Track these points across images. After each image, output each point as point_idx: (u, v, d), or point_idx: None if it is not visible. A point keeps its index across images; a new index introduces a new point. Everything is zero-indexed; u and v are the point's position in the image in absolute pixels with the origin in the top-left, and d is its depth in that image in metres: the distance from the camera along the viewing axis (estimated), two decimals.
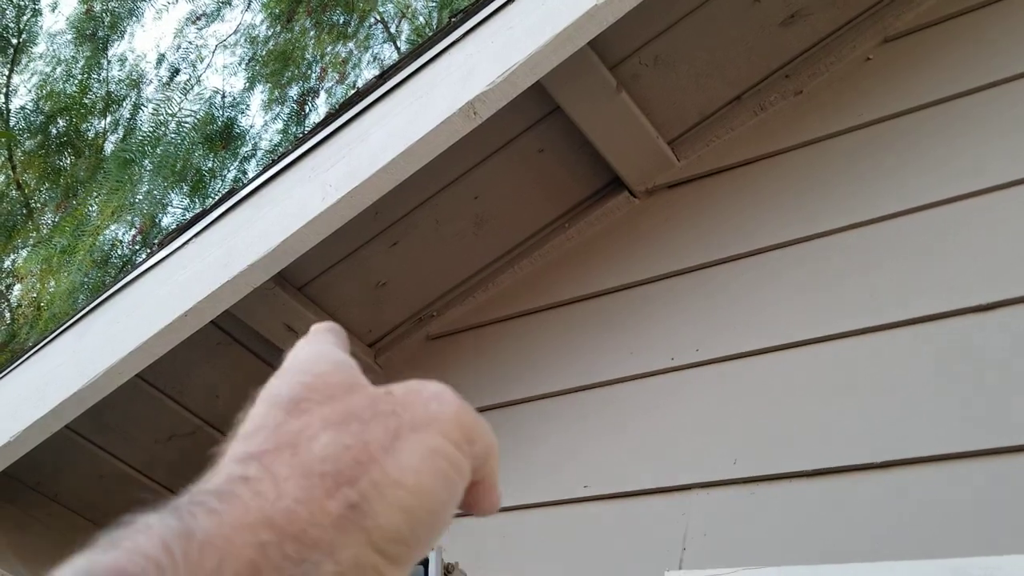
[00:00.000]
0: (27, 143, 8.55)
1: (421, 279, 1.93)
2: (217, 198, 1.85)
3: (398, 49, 8.55)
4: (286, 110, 8.48)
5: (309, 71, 8.69)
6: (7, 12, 8.69)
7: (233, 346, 1.93)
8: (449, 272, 1.93)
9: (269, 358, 1.96)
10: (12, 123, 8.58)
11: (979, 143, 1.47)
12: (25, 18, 8.84)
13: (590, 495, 1.49)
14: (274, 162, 1.79)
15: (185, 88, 8.48)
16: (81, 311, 1.95)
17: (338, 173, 1.62)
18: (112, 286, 1.91)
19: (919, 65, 1.62)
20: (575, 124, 1.73)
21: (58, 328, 1.98)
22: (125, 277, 1.88)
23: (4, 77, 8.69)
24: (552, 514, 1.51)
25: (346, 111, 1.69)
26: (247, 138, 8.57)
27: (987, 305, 1.28)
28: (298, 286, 1.87)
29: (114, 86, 8.73)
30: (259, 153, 8.32)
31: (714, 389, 1.49)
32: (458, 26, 1.64)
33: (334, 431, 0.32)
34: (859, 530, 1.24)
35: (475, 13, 1.63)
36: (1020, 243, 1.33)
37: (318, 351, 0.38)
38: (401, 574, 0.31)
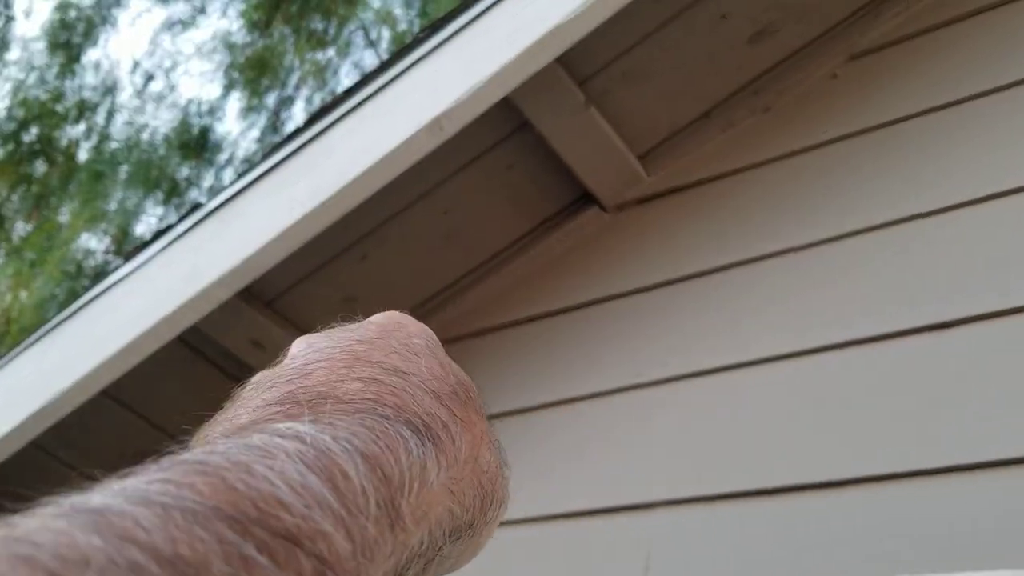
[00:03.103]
0: None
1: (390, 294, 1.92)
2: (183, 213, 1.84)
3: (378, 55, 8.54)
4: (263, 118, 8.45)
5: (287, 79, 8.66)
6: None
7: (199, 361, 1.92)
8: (418, 287, 1.92)
9: (235, 373, 1.95)
10: None
11: (941, 161, 1.49)
12: None
13: (557, 513, 1.49)
14: (241, 176, 1.78)
15: (160, 95, 8.43)
16: (46, 326, 1.93)
17: (304, 188, 1.61)
18: (78, 301, 1.89)
19: (884, 83, 1.64)
20: (544, 139, 1.73)
21: (23, 343, 1.96)
22: (90, 292, 1.87)
23: None
24: (518, 533, 1.51)
25: (313, 126, 1.68)
26: (224, 146, 8.52)
27: (947, 323, 1.29)
28: (265, 301, 1.86)
29: (88, 93, 8.66)
30: (236, 161, 8.28)
31: (680, 406, 1.49)
32: (425, 41, 1.64)
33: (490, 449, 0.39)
34: (823, 547, 1.25)
35: (442, 28, 1.63)
36: (980, 261, 1.35)
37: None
38: None
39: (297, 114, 8.50)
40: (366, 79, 1.71)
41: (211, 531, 0.22)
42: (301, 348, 0.38)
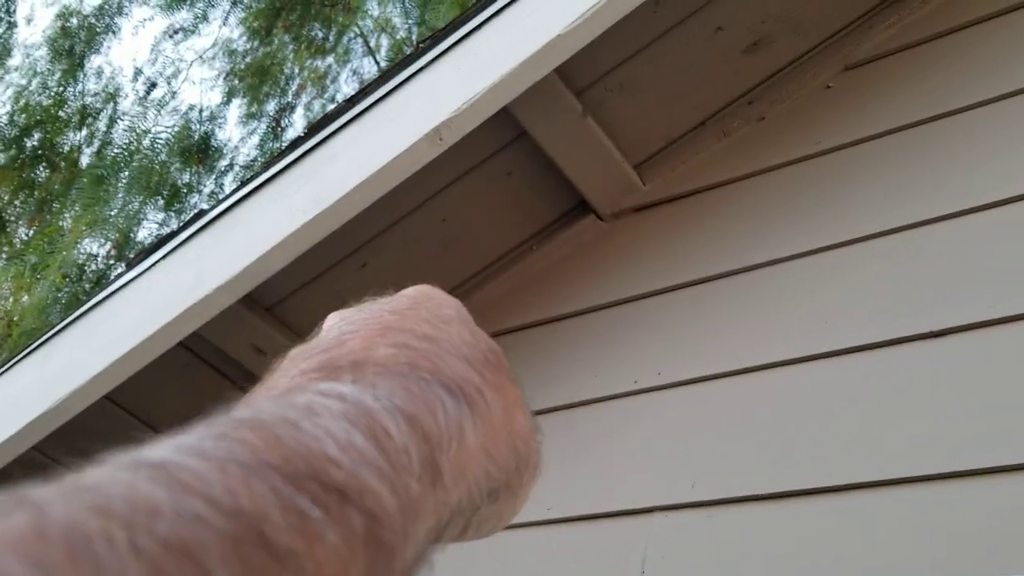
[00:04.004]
0: (0, 156, 8.49)
1: None
2: (185, 220, 1.86)
3: (377, 63, 8.57)
4: (263, 125, 8.47)
5: (287, 86, 8.69)
6: None
7: (201, 367, 1.94)
8: None
9: (236, 379, 1.96)
10: None
11: (934, 171, 1.50)
12: (0, 31, 8.79)
13: (553, 518, 1.50)
14: (243, 184, 1.80)
15: (161, 102, 8.45)
16: (49, 332, 1.95)
17: (305, 197, 1.63)
18: (80, 307, 1.91)
19: (878, 93, 1.66)
20: (542, 149, 1.75)
21: (25, 349, 1.97)
22: (94, 298, 1.88)
23: None
24: (516, 537, 1.53)
25: (314, 135, 1.70)
26: (224, 152, 8.55)
27: (939, 332, 1.31)
28: (266, 307, 1.88)
29: (90, 99, 8.69)
30: (236, 167, 8.30)
31: (675, 412, 1.51)
32: (426, 52, 1.66)
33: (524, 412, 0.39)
34: (814, 553, 1.26)
35: (443, 39, 1.65)
36: (972, 270, 1.37)
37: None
38: None
39: (297, 121, 8.54)
40: (367, 88, 1.74)
41: (267, 484, 0.23)
42: (334, 321, 0.39)
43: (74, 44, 8.53)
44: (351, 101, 1.72)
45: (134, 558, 0.19)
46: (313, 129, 1.76)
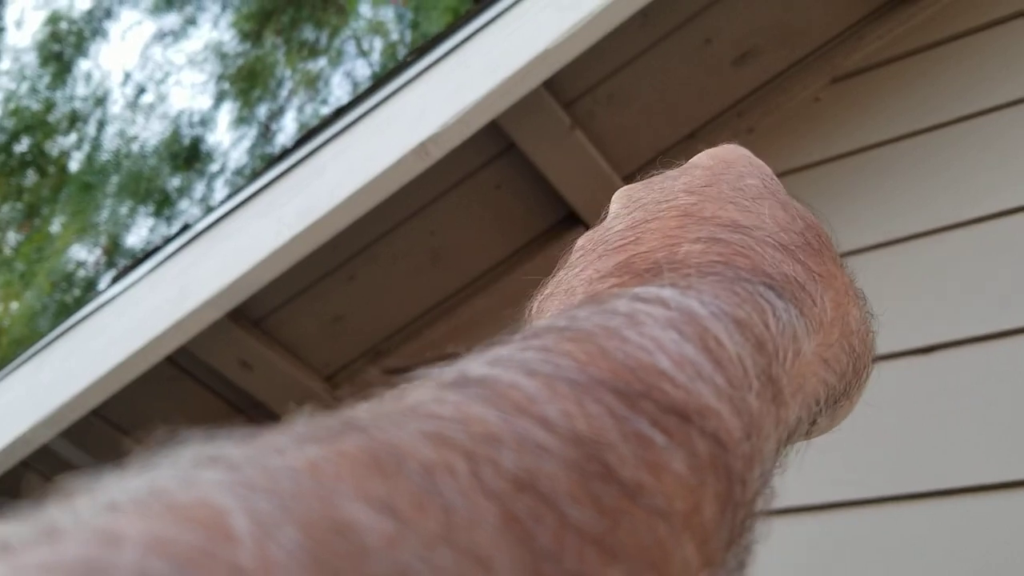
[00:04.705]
0: None
1: (378, 313, 1.93)
2: (172, 233, 1.85)
3: (371, 65, 8.55)
4: (254, 129, 8.45)
5: (278, 89, 8.67)
6: None
7: (187, 380, 1.92)
8: (406, 306, 1.93)
9: (223, 392, 1.95)
10: None
11: (924, 184, 1.50)
12: None
13: None
14: (230, 196, 1.79)
15: (151, 107, 8.43)
16: (37, 346, 1.93)
17: (294, 209, 1.62)
18: (67, 322, 1.90)
19: (867, 105, 1.66)
20: (530, 161, 1.75)
21: (11, 364, 1.96)
22: (81, 312, 1.87)
23: None
24: None
25: (303, 146, 1.69)
26: (215, 156, 8.53)
27: (930, 347, 1.31)
28: (253, 320, 1.87)
29: (79, 104, 8.66)
30: (227, 172, 8.28)
31: None
32: (414, 63, 1.65)
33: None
34: (816, 567, 1.26)
35: (430, 51, 1.64)
36: (963, 284, 1.36)
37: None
38: None
39: (288, 125, 8.51)
40: (356, 100, 1.73)
41: (602, 404, 0.19)
42: (622, 204, 0.34)
43: (63, 48, 8.49)
44: (339, 112, 1.71)
45: (483, 497, 0.16)
46: (301, 141, 1.75)
